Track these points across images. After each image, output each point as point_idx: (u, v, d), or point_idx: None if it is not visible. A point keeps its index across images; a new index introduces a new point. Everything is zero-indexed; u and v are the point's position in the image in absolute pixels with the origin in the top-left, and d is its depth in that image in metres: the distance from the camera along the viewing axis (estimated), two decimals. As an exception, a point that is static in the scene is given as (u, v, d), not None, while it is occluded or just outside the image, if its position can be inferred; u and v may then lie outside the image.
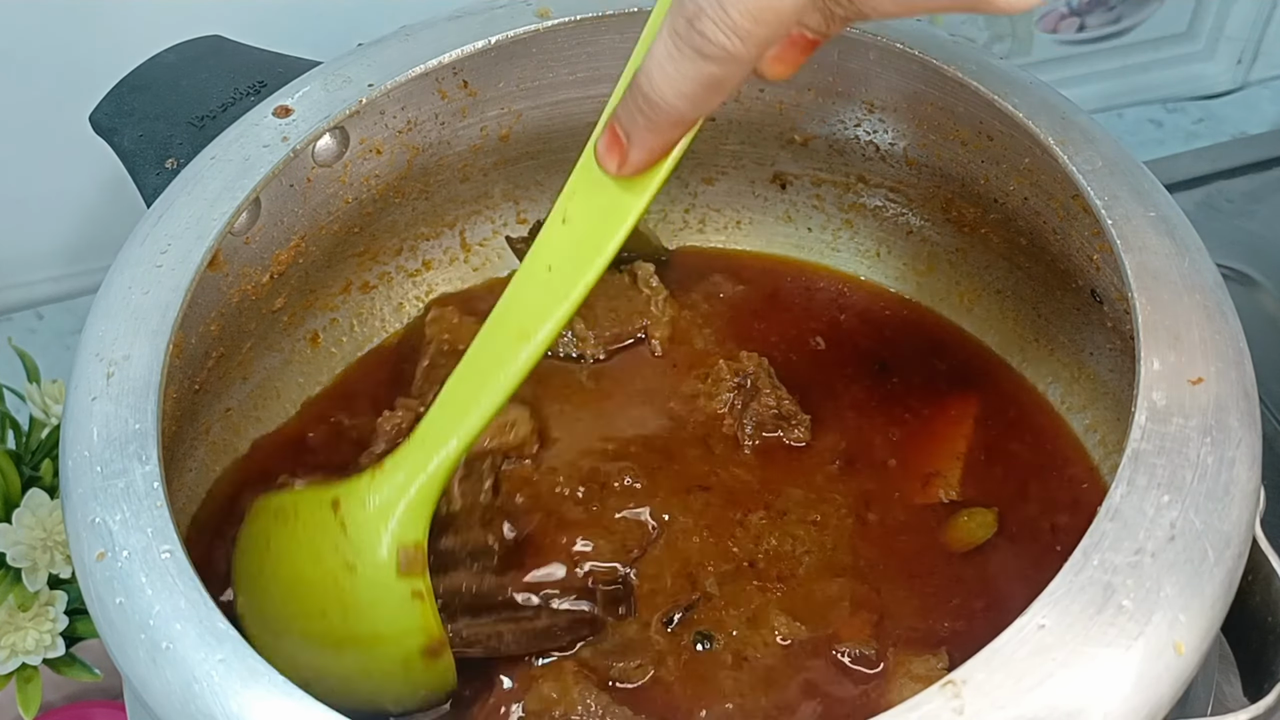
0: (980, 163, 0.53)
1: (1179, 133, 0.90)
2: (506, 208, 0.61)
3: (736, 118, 0.58)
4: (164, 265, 0.45)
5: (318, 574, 0.45)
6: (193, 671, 0.35)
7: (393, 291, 0.60)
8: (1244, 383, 0.39)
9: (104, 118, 0.55)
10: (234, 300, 0.51)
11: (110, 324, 0.44)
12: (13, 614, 0.56)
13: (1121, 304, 0.49)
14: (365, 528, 0.44)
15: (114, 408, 0.41)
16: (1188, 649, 0.34)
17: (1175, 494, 0.36)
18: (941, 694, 0.33)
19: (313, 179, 0.52)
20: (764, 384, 0.54)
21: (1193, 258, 0.42)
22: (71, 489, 0.40)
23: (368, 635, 0.45)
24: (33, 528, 0.56)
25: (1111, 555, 0.35)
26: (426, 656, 0.45)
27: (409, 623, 0.44)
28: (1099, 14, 0.87)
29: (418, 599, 0.44)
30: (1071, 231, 0.51)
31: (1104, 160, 0.45)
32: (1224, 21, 0.89)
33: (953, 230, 0.57)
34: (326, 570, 0.44)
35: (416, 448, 0.44)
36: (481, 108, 0.56)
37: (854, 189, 0.59)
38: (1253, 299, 0.77)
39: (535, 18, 0.53)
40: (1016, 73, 0.49)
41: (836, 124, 0.57)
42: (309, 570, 0.45)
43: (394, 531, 0.44)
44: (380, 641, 0.45)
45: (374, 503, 0.45)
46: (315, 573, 0.45)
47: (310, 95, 0.51)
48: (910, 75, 0.52)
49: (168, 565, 0.38)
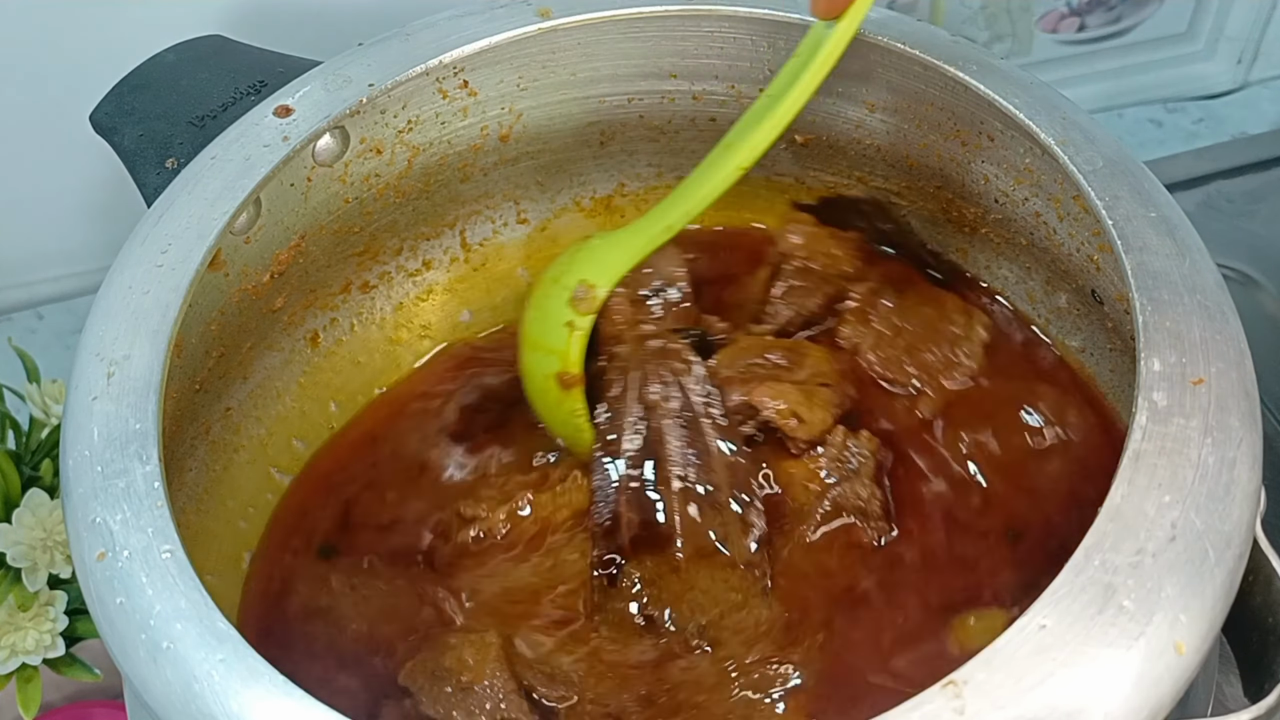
0: (980, 163, 0.53)
1: (1179, 133, 0.90)
2: (507, 208, 0.61)
3: (737, 117, 0.58)
4: (164, 265, 0.45)
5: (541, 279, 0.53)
6: (193, 671, 0.35)
7: (393, 291, 0.60)
8: (1244, 383, 0.39)
9: (104, 117, 0.55)
10: (234, 300, 0.51)
11: (111, 324, 0.44)
12: (13, 614, 0.56)
13: (1122, 304, 0.49)
14: (572, 253, 0.53)
15: (114, 407, 0.41)
16: (1188, 649, 0.34)
17: (1176, 494, 0.36)
18: (942, 694, 0.33)
19: (313, 179, 0.52)
20: (866, 474, 0.51)
21: (1193, 258, 0.42)
22: (72, 489, 0.40)
23: (530, 337, 0.52)
24: (33, 528, 0.56)
25: (1112, 555, 0.35)
26: (560, 383, 0.51)
27: (555, 344, 0.51)
28: (1099, 14, 0.87)
29: (569, 330, 0.51)
30: (1072, 232, 0.51)
31: (1104, 160, 0.45)
32: (1224, 21, 0.89)
33: (953, 230, 0.57)
34: (540, 279, 0.53)
35: (641, 222, 0.52)
36: (482, 107, 0.56)
37: (855, 189, 0.59)
38: (1253, 299, 0.77)
39: (536, 17, 0.53)
40: (1017, 72, 0.49)
41: (837, 124, 0.57)
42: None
43: (583, 264, 0.52)
44: (535, 348, 0.52)
45: (595, 240, 0.53)
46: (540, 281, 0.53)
47: (310, 95, 0.51)
48: (910, 75, 0.52)
49: (168, 565, 0.38)
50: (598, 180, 0.61)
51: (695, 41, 0.55)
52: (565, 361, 0.51)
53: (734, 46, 0.55)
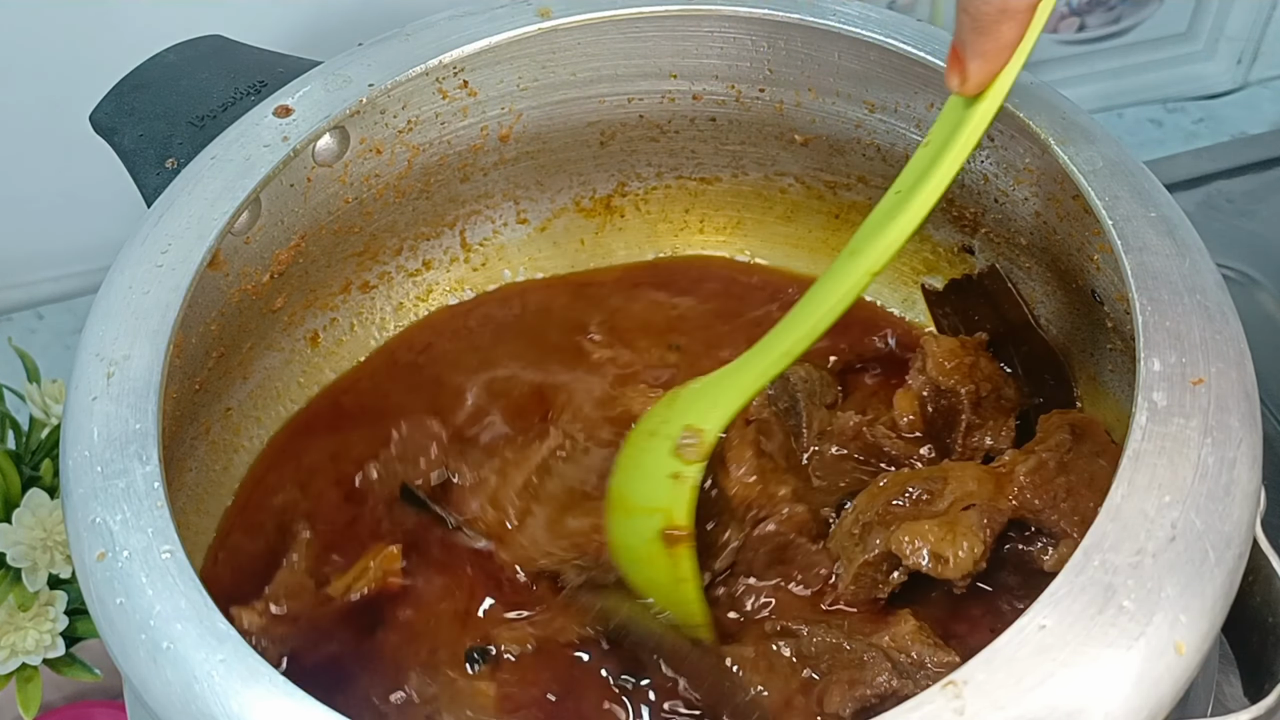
0: (980, 163, 0.53)
1: (1179, 133, 0.90)
2: (506, 208, 0.61)
3: (737, 118, 0.58)
4: (164, 265, 0.45)
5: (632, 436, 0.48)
6: (193, 671, 0.35)
7: (393, 291, 0.60)
8: (1244, 383, 0.39)
9: (104, 117, 0.55)
10: (234, 300, 0.51)
11: (110, 324, 0.44)
12: (13, 614, 0.56)
13: (1122, 304, 0.49)
14: (669, 401, 0.48)
15: (114, 407, 0.41)
16: (1188, 649, 0.34)
17: (1176, 494, 0.36)
18: (942, 694, 0.33)
19: (313, 179, 0.52)
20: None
21: (1193, 258, 0.42)
22: (72, 489, 0.40)
23: (623, 501, 0.47)
24: (33, 528, 0.56)
25: (1112, 555, 0.35)
26: (666, 540, 0.45)
27: (658, 500, 0.46)
28: (1099, 14, 0.87)
29: (676, 481, 0.45)
30: (1072, 232, 0.51)
31: (1104, 160, 0.45)
32: (1224, 21, 0.89)
33: (953, 230, 0.57)
34: (629, 438, 0.48)
35: (751, 354, 0.46)
36: (482, 107, 0.56)
37: (855, 189, 0.59)
38: (1253, 299, 0.77)
39: (536, 17, 0.53)
40: (1017, 73, 0.49)
41: (837, 124, 0.57)
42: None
43: (686, 409, 0.46)
44: (631, 512, 0.46)
45: (695, 384, 0.47)
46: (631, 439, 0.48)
47: (310, 95, 0.51)
48: (911, 75, 0.52)
49: (168, 565, 0.38)
50: (598, 180, 0.61)
51: (695, 41, 0.55)
52: (671, 517, 0.45)
53: (734, 46, 0.55)
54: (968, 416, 0.50)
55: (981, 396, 0.51)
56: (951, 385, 0.50)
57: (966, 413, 0.50)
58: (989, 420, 0.50)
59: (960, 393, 0.50)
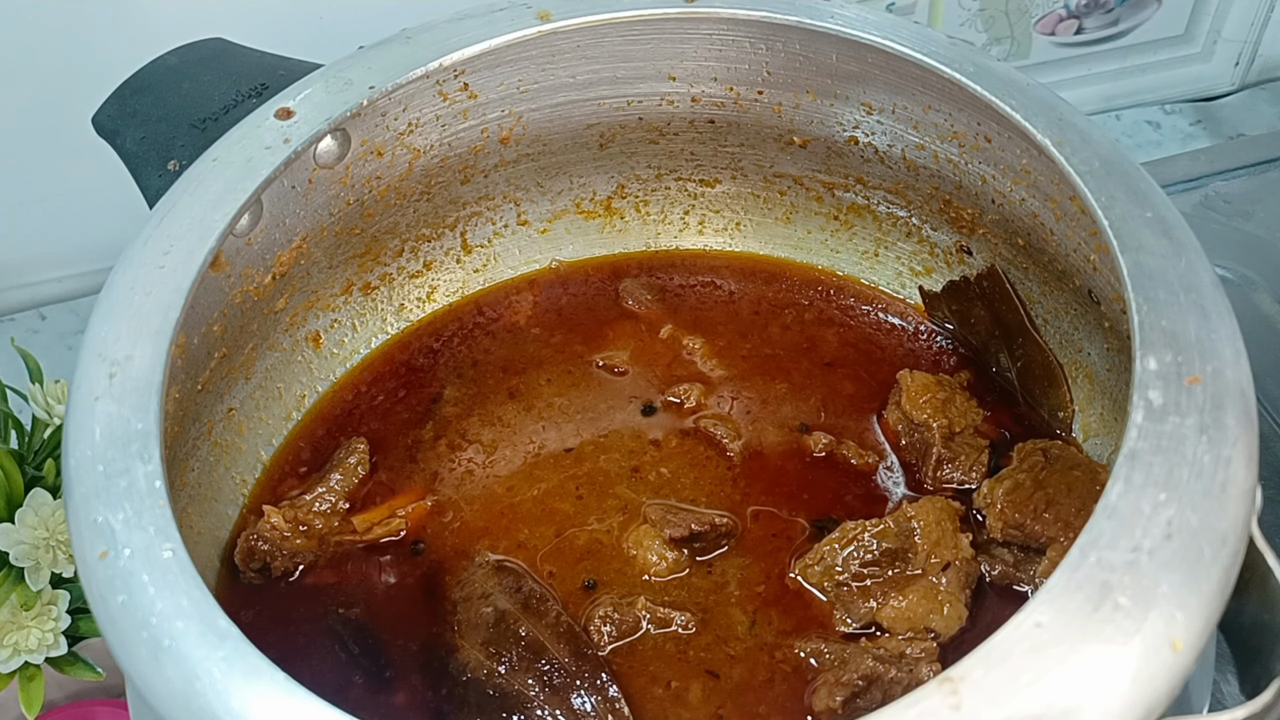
0: (978, 164, 0.53)
1: (1176, 134, 0.90)
2: (507, 209, 0.61)
3: (735, 120, 0.58)
4: (166, 266, 0.45)
5: None
6: (194, 669, 0.36)
7: (394, 292, 0.60)
8: (1240, 382, 0.39)
9: (107, 120, 0.56)
10: (236, 301, 0.51)
11: (113, 324, 0.44)
12: (15, 613, 0.56)
13: (1118, 304, 0.49)
14: None
15: (116, 407, 0.41)
16: (1184, 646, 0.34)
17: (1172, 492, 0.36)
18: (939, 690, 0.33)
19: (314, 180, 0.52)
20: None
21: (1189, 258, 0.42)
22: (74, 488, 0.40)
23: None
24: (35, 527, 0.56)
25: (1108, 553, 0.35)
26: None
27: None
28: (1097, 16, 0.87)
29: None
30: (1069, 232, 0.51)
31: (1101, 161, 0.45)
32: (1221, 24, 0.89)
33: (951, 230, 0.58)
34: None
35: None
36: (482, 110, 0.56)
37: (853, 190, 0.59)
38: (1249, 299, 0.77)
39: (536, 20, 0.54)
40: (1014, 74, 0.50)
41: (835, 126, 0.57)
42: None
43: None
44: None
45: None
46: None
47: (312, 97, 0.51)
48: (908, 77, 0.52)
49: (170, 564, 0.38)
50: (597, 182, 0.62)
51: (694, 44, 0.55)
52: None
53: (732, 49, 0.55)
54: (938, 450, 0.52)
55: (955, 432, 0.53)
56: (924, 420, 0.53)
57: (937, 445, 0.52)
58: (960, 454, 0.52)
59: (933, 427, 0.52)
